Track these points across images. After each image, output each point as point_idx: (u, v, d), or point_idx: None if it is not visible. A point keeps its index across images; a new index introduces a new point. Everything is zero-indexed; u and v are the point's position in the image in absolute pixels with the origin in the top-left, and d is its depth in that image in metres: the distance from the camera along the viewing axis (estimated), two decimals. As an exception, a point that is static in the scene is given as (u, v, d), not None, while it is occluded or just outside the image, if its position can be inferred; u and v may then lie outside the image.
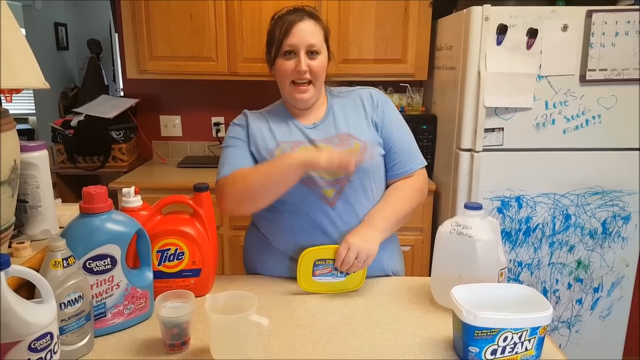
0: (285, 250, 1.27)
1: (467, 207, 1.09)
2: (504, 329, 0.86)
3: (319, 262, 1.18)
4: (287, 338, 1.00)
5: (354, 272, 1.18)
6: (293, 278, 1.25)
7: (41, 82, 0.90)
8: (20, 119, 6.06)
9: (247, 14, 2.30)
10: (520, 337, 0.87)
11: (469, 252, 1.06)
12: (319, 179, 1.22)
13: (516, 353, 0.88)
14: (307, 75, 1.23)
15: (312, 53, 1.23)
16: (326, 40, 1.28)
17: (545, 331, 0.89)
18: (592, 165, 2.00)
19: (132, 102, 2.62)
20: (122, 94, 2.88)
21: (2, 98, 0.91)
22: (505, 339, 0.87)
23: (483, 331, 0.87)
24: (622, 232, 2.06)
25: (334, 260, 1.17)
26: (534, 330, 0.87)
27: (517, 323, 0.87)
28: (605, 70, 1.92)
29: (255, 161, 1.28)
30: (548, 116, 1.96)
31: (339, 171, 1.18)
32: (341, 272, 1.19)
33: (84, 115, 2.51)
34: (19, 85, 0.87)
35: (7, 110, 0.91)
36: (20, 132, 0.94)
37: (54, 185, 1.11)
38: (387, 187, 1.34)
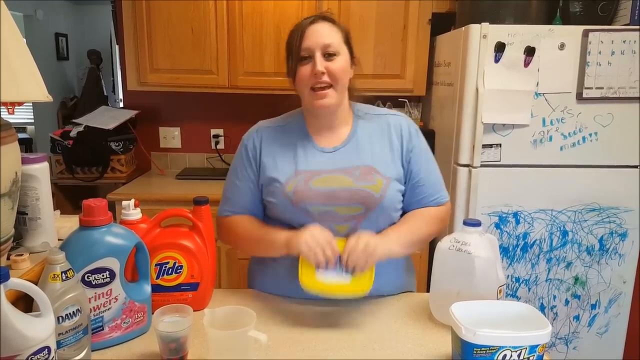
0: (289, 271, 1.24)
1: (465, 223, 1.10)
2: (503, 347, 0.86)
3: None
4: (285, 354, 1.00)
5: (359, 271, 1.08)
6: (294, 297, 1.24)
7: (44, 95, 0.90)
8: (19, 128, 6.07)
9: (248, 28, 2.32)
10: (519, 355, 0.87)
11: (467, 268, 1.06)
12: (334, 215, 1.18)
13: (515, 371, 0.88)
14: (326, 78, 1.16)
15: (329, 55, 1.16)
16: (347, 41, 1.21)
17: (544, 349, 0.89)
18: (589, 182, 2.02)
19: (131, 113, 2.62)
20: (121, 104, 2.89)
21: (2, 109, 0.92)
22: (504, 357, 0.87)
23: (482, 349, 0.86)
24: (619, 249, 2.07)
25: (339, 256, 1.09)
26: (532, 349, 0.87)
27: (516, 341, 0.87)
28: (602, 88, 1.94)
29: (258, 184, 1.26)
30: (545, 133, 1.98)
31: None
32: (347, 270, 1.08)
33: (83, 126, 2.51)
34: (22, 99, 0.87)
35: (8, 123, 0.91)
36: (19, 142, 0.94)
37: (52, 196, 1.11)
38: None
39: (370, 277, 1.11)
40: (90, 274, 0.94)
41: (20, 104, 0.92)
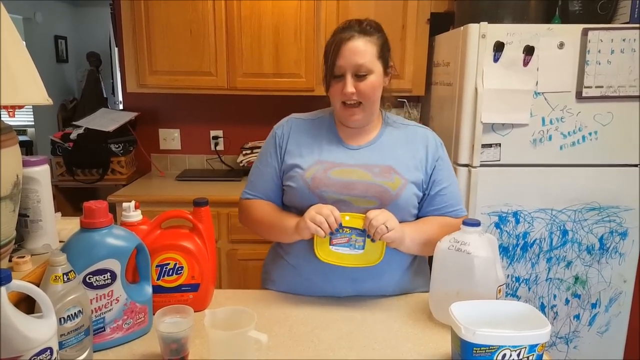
0: (297, 266, 1.27)
1: (465, 223, 1.10)
2: (502, 346, 0.87)
3: (336, 229, 1.16)
4: (286, 354, 1.00)
5: (373, 241, 1.15)
6: (298, 294, 1.26)
7: (44, 98, 0.91)
8: (19, 130, 6.08)
9: (246, 29, 2.32)
10: (518, 355, 0.87)
11: (467, 268, 1.06)
12: (349, 205, 1.20)
13: (515, 370, 0.89)
14: (355, 97, 1.20)
15: (360, 74, 1.18)
16: (381, 55, 1.21)
17: (543, 348, 0.89)
18: (588, 181, 2.02)
19: (131, 115, 2.63)
20: (121, 106, 2.90)
21: (3, 113, 0.92)
22: (503, 356, 0.87)
23: (482, 348, 0.87)
24: (620, 248, 2.07)
25: (352, 228, 1.16)
26: (532, 348, 0.88)
27: (515, 340, 0.87)
28: (602, 87, 1.94)
29: (279, 172, 1.29)
30: (545, 132, 1.98)
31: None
32: (363, 231, 1.15)
33: (83, 128, 2.52)
34: (22, 102, 0.87)
35: (9, 126, 0.92)
36: (19, 144, 0.94)
37: (53, 198, 1.11)
38: None
39: (382, 250, 1.17)
40: (91, 276, 0.94)
41: (20, 106, 0.92)
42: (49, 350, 0.78)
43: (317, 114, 1.36)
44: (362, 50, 1.18)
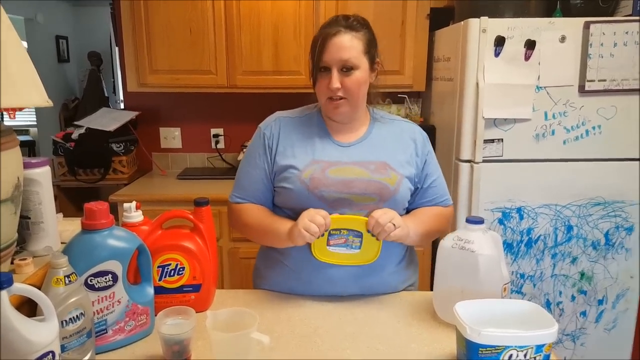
0: (295, 268, 1.26)
1: (468, 221, 1.09)
2: (509, 347, 0.86)
3: (334, 232, 1.17)
4: (289, 355, 1.00)
5: (377, 239, 1.16)
6: (297, 294, 1.25)
7: (44, 100, 0.90)
8: (22, 130, 6.08)
9: (245, 28, 2.32)
10: (525, 355, 0.86)
11: (471, 267, 1.05)
12: (349, 203, 1.20)
13: (521, 369, 0.88)
14: (341, 93, 1.19)
15: (346, 69, 1.18)
16: (368, 50, 1.21)
17: (550, 348, 0.88)
18: (593, 176, 2.00)
19: (132, 114, 2.63)
20: (122, 105, 2.89)
21: (4, 115, 0.92)
22: (510, 357, 0.86)
23: (488, 349, 0.86)
24: (626, 243, 2.05)
25: (349, 230, 1.16)
26: (539, 348, 0.87)
27: (522, 340, 0.86)
28: (605, 80, 1.92)
29: (270, 173, 1.27)
30: (548, 127, 1.97)
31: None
32: (360, 233, 1.17)
33: (84, 128, 2.52)
34: (22, 104, 0.86)
35: (9, 128, 0.91)
36: (21, 144, 0.94)
37: (55, 198, 1.11)
38: None
39: (378, 249, 1.19)
40: (93, 278, 0.94)
41: (21, 108, 0.92)
42: (51, 354, 0.78)
43: (304, 111, 1.34)
44: (348, 45, 1.18)
